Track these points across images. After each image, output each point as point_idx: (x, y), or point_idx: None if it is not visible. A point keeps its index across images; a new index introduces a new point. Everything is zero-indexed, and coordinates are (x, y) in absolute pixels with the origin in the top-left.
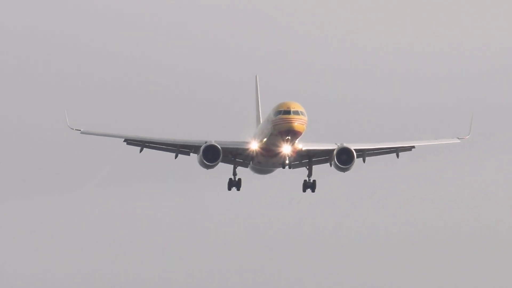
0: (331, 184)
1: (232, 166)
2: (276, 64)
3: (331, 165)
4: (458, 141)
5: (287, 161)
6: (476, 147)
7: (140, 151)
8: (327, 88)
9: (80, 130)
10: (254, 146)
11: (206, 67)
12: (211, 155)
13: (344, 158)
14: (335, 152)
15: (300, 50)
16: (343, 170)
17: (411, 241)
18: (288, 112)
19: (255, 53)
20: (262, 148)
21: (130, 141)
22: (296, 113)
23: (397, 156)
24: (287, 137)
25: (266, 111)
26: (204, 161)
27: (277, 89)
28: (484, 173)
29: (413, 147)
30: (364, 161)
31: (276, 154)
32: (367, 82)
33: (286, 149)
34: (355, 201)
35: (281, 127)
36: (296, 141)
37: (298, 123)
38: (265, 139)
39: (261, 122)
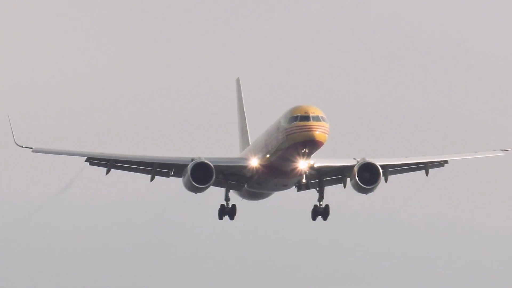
0: (347, 210)
1: (224, 189)
2: (265, 65)
3: (345, 186)
4: (502, 153)
5: (303, 180)
6: None
7: (107, 172)
8: (334, 93)
9: (31, 148)
10: (254, 163)
11: (178, 74)
12: (200, 175)
13: (366, 176)
14: (355, 168)
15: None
16: (366, 191)
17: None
18: (306, 117)
19: (237, 54)
20: (265, 165)
21: (94, 161)
22: (317, 118)
23: (427, 173)
24: (304, 149)
25: (253, 120)
26: (193, 183)
27: (265, 95)
28: None
29: (446, 162)
30: (386, 180)
31: (285, 172)
32: (383, 86)
33: (301, 164)
34: (379, 231)
35: (298, 136)
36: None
37: (320, 131)
38: (270, 154)
39: (248, 132)
